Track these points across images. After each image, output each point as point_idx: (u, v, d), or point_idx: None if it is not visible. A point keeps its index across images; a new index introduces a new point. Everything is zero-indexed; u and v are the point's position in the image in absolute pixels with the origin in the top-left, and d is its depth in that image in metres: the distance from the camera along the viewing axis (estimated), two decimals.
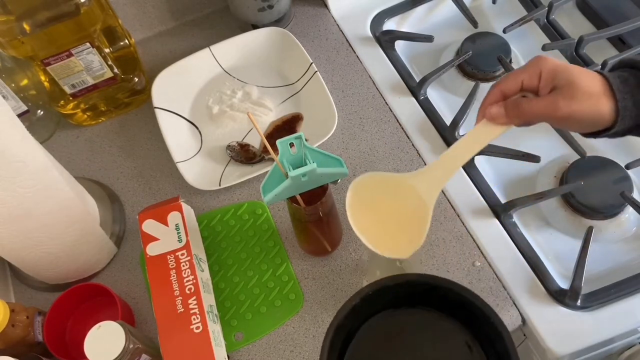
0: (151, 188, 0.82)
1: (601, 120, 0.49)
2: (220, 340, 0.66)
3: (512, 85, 0.51)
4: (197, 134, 0.84)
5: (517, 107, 0.50)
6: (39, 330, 0.67)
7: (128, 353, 0.58)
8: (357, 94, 0.86)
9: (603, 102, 0.48)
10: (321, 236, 0.69)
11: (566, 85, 0.48)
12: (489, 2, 0.94)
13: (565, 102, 0.48)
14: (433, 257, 0.72)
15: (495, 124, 0.52)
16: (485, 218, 0.73)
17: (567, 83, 0.48)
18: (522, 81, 0.51)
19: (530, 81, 0.51)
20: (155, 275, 0.65)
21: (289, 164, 0.58)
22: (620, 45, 0.86)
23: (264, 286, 0.72)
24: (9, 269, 0.78)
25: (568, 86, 0.48)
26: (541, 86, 0.50)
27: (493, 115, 0.51)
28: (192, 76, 0.88)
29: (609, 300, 0.67)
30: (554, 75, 0.49)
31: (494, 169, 0.79)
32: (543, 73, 0.50)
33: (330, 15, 0.94)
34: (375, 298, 0.57)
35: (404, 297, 0.58)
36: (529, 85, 0.51)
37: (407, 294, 0.58)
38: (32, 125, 0.84)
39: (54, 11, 0.71)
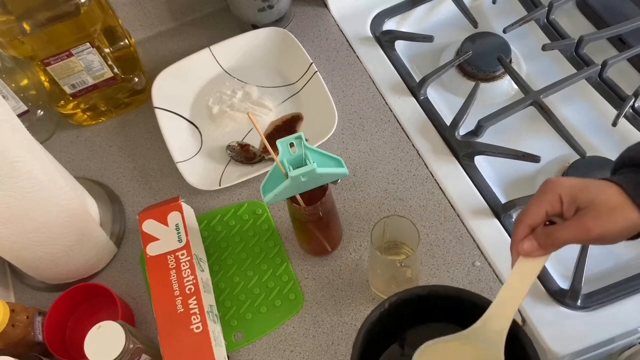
0: (151, 188, 0.82)
1: (633, 229, 0.49)
2: (220, 340, 0.66)
3: (536, 217, 0.51)
4: (197, 134, 0.84)
5: (549, 237, 0.50)
6: (39, 330, 0.67)
7: (128, 353, 0.58)
8: (357, 94, 0.86)
9: (630, 213, 0.48)
10: (321, 236, 0.69)
11: (589, 206, 0.49)
12: (489, 2, 0.94)
13: (595, 222, 0.48)
14: (433, 257, 0.72)
15: (532, 259, 0.52)
16: (485, 218, 0.73)
17: (590, 203, 0.49)
18: (546, 211, 0.51)
19: (553, 209, 0.51)
20: (155, 275, 0.65)
21: (289, 164, 0.58)
22: (620, 45, 0.86)
23: (264, 286, 0.72)
24: (9, 269, 0.78)
25: (591, 206, 0.49)
26: (565, 210, 0.50)
27: (527, 251, 0.51)
28: (192, 76, 0.88)
29: (609, 300, 0.67)
30: (575, 197, 0.49)
31: (494, 169, 0.79)
32: (563, 197, 0.50)
33: (330, 15, 0.94)
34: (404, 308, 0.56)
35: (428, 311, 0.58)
36: (553, 213, 0.51)
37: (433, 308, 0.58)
38: (32, 125, 0.84)
39: (54, 11, 0.71)
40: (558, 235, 0.50)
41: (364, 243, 0.74)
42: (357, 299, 0.70)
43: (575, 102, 0.83)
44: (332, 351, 0.67)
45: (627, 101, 0.78)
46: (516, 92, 0.84)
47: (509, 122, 0.79)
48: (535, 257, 0.52)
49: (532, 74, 0.87)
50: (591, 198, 0.49)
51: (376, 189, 0.77)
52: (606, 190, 0.49)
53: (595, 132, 0.80)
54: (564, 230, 0.50)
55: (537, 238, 0.51)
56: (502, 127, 0.79)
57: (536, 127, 0.81)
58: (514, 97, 0.83)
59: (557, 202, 0.50)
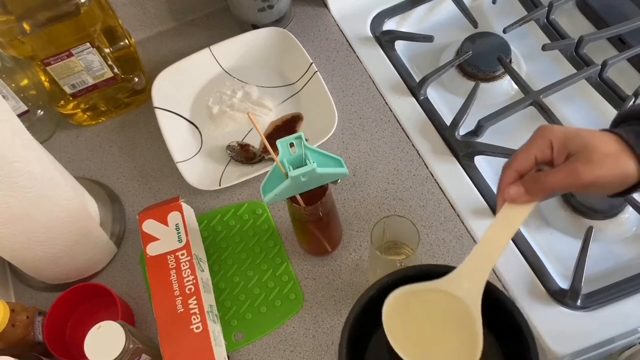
0: (151, 188, 0.82)
1: (627, 180, 0.47)
2: (220, 340, 0.66)
3: (525, 162, 0.49)
4: (197, 134, 0.84)
5: (537, 182, 0.48)
6: (39, 330, 0.67)
7: (128, 353, 0.58)
8: (357, 94, 0.86)
9: (625, 161, 0.46)
10: (321, 236, 0.69)
11: (581, 151, 0.46)
12: (489, 2, 0.94)
13: (586, 167, 0.46)
14: (433, 257, 0.72)
15: (518, 206, 0.49)
16: (485, 218, 0.73)
17: (581, 148, 0.46)
18: (535, 156, 0.48)
19: (542, 154, 0.48)
20: (155, 275, 0.65)
21: (289, 164, 0.58)
22: (620, 45, 0.86)
23: (264, 286, 0.72)
24: (9, 269, 0.78)
25: (583, 151, 0.46)
26: (555, 156, 0.48)
27: (513, 197, 0.49)
28: (192, 76, 0.88)
29: (609, 300, 0.67)
30: (566, 143, 0.47)
31: (494, 169, 0.79)
32: (554, 143, 0.47)
33: (330, 15, 0.94)
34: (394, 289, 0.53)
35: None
36: (542, 159, 0.49)
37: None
38: (32, 125, 0.84)
39: (54, 11, 0.71)
40: (547, 180, 0.47)
41: (364, 243, 0.74)
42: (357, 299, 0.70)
43: (575, 102, 0.83)
44: (332, 351, 0.67)
45: (627, 101, 0.78)
46: (516, 92, 0.84)
47: (509, 122, 0.79)
48: (520, 205, 0.49)
49: (532, 74, 0.87)
50: (583, 143, 0.46)
51: (376, 189, 0.77)
52: (601, 137, 0.47)
53: None
54: (554, 175, 0.47)
55: (524, 184, 0.48)
56: (502, 127, 0.79)
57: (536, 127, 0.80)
58: (514, 97, 0.83)
59: (548, 147, 0.48)
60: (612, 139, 0.47)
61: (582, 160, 0.46)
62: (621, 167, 0.46)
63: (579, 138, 0.47)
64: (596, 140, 0.46)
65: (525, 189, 0.48)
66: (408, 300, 0.51)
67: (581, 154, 0.46)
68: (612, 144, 0.46)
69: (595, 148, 0.46)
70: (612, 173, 0.46)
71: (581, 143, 0.46)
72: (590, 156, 0.46)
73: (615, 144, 0.46)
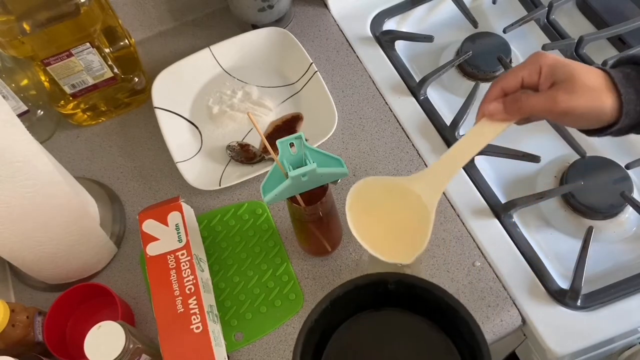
0: (151, 188, 0.82)
1: (603, 116, 0.48)
2: (220, 340, 0.66)
3: (512, 82, 0.51)
4: (197, 134, 0.84)
5: (516, 103, 0.50)
6: (39, 330, 0.67)
7: (128, 353, 0.58)
8: (357, 94, 0.86)
9: (605, 96, 0.47)
10: (321, 236, 0.69)
11: (566, 80, 0.48)
12: (489, 2, 0.94)
13: (565, 96, 0.47)
14: (433, 257, 0.72)
15: (494, 121, 0.51)
16: (485, 218, 0.73)
17: (567, 77, 0.48)
18: (522, 78, 0.50)
19: (530, 77, 0.50)
20: (155, 275, 0.65)
21: (289, 164, 0.58)
22: (620, 45, 0.86)
23: (264, 286, 0.72)
24: (9, 269, 0.78)
25: (568, 80, 0.48)
26: (541, 82, 0.50)
27: (491, 112, 0.51)
28: (192, 76, 0.88)
29: (609, 300, 0.67)
30: (554, 70, 0.48)
31: (494, 169, 0.79)
32: (543, 68, 0.49)
33: (330, 15, 0.94)
34: (350, 299, 0.56)
35: (383, 297, 0.58)
36: (529, 82, 0.50)
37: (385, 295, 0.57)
38: (32, 125, 0.84)
39: (54, 11, 0.71)
40: (525, 102, 0.49)
41: None
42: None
43: None
44: None
45: None
46: None
47: None
48: (496, 122, 0.51)
49: None
50: (570, 73, 0.48)
51: None
52: (589, 71, 0.48)
53: None
54: (533, 98, 0.49)
55: (504, 102, 0.50)
56: None
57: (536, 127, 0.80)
58: None
59: (536, 72, 0.49)
60: (600, 74, 0.48)
61: (564, 89, 0.48)
62: (599, 101, 0.47)
63: (566, 68, 0.48)
64: (582, 73, 0.48)
65: (504, 107, 0.51)
66: (372, 190, 0.55)
67: (565, 82, 0.48)
68: (598, 79, 0.48)
69: (579, 79, 0.47)
70: (589, 105, 0.47)
71: (567, 72, 0.48)
72: (572, 86, 0.47)
73: (601, 79, 0.48)
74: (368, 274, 0.57)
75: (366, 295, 0.57)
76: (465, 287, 0.69)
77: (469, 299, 0.68)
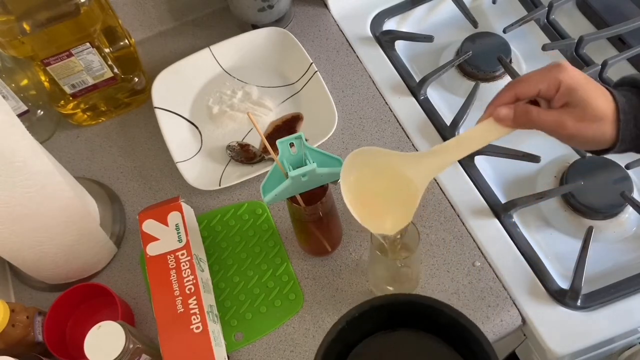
0: (151, 188, 0.82)
1: (603, 142, 0.50)
2: (220, 340, 0.66)
3: (528, 91, 0.51)
4: (197, 134, 0.84)
5: (526, 115, 0.50)
6: (39, 330, 0.67)
7: (128, 353, 0.58)
8: (357, 94, 0.86)
9: (608, 126, 0.49)
10: (321, 236, 0.69)
11: (579, 106, 0.48)
12: (489, 2, 0.94)
13: (574, 122, 0.49)
14: (433, 257, 0.72)
15: (499, 125, 0.52)
16: (485, 218, 0.73)
17: (580, 103, 0.48)
18: (540, 90, 0.50)
19: (547, 91, 0.50)
20: (155, 275, 0.65)
21: (289, 164, 0.58)
22: (620, 45, 0.86)
23: (264, 286, 0.72)
24: (9, 269, 0.78)
25: (581, 107, 0.48)
26: (556, 98, 0.50)
27: (501, 117, 0.51)
28: (192, 76, 0.88)
29: (609, 300, 0.67)
30: (571, 92, 0.49)
31: (494, 169, 0.79)
32: (562, 86, 0.49)
33: (330, 15, 0.94)
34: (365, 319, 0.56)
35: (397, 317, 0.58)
36: (545, 95, 0.50)
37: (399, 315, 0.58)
38: (32, 125, 0.84)
39: (54, 11, 0.71)
40: (535, 117, 0.50)
41: (364, 243, 0.74)
42: (357, 299, 0.70)
43: None
44: None
45: None
46: None
47: None
48: (502, 126, 0.52)
49: None
50: (585, 100, 0.48)
51: None
52: (602, 99, 0.49)
53: None
54: (543, 115, 0.50)
55: (515, 110, 0.51)
56: None
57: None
58: None
59: (555, 87, 0.50)
60: (610, 104, 0.49)
61: (574, 115, 0.49)
62: (603, 132, 0.49)
63: (582, 92, 0.49)
64: (595, 101, 0.49)
65: (514, 116, 0.51)
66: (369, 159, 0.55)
67: (577, 108, 0.49)
68: (608, 109, 0.49)
69: (590, 108, 0.48)
70: (593, 134, 0.49)
71: (582, 99, 0.49)
72: (583, 114, 0.49)
73: (610, 110, 0.49)
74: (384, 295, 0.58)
75: (380, 315, 0.58)
76: (465, 287, 0.69)
77: (469, 299, 0.68)
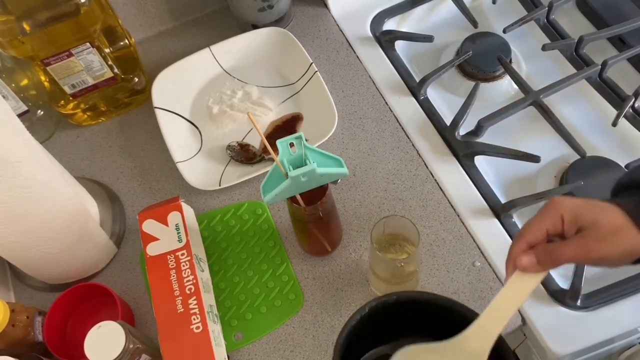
0: (151, 188, 0.82)
1: (636, 252, 0.49)
2: (220, 340, 0.66)
3: (537, 235, 0.50)
4: (197, 134, 0.84)
5: (550, 255, 0.49)
6: (39, 330, 0.67)
7: (128, 353, 0.58)
8: (357, 94, 0.86)
9: (631, 236, 0.48)
10: (321, 236, 0.69)
11: (592, 227, 0.48)
12: (489, 2, 0.94)
13: (596, 244, 0.48)
14: (433, 257, 0.72)
15: (528, 275, 0.50)
16: (485, 218, 0.73)
17: (591, 224, 0.48)
18: (547, 229, 0.50)
19: (554, 228, 0.50)
20: (155, 275, 0.65)
21: (289, 164, 0.58)
22: (620, 45, 0.86)
23: (264, 286, 0.72)
24: (9, 269, 0.78)
25: (593, 227, 0.48)
26: (566, 230, 0.50)
27: (526, 266, 0.50)
28: (192, 76, 0.88)
29: (609, 300, 0.67)
30: (577, 217, 0.49)
31: (494, 169, 0.79)
32: (565, 217, 0.49)
33: (330, 15, 0.94)
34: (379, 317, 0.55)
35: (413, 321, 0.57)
36: (554, 232, 0.50)
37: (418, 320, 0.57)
38: (32, 125, 0.84)
39: (54, 11, 0.71)
40: (559, 253, 0.49)
41: (364, 243, 0.74)
42: (357, 299, 0.70)
43: (575, 102, 0.83)
44: (332, 351, 0.67)
45: (627, 101, 0.78)
46: (516, 92, 0.84)
47: (509, 122, 0.79)
48: (531, 274, 0.50)
49: (532, 74, 0.87)
50: (594, 219, 0.48)
51: (376, 189, 0.77)
52: (608, 212, 0.49)
53: (595, 132, 0.80)
54: (566, 247, 0.49)
55: (536, 254, 0.50)
56: (502, 127, 0.79)
57: (536, 127, 0.81)
58: (514, 97, 0.83)
59: (559, 221, 0.49)
60: (618, 214, 0.48)
61: (592, 236, 0.48)
62: (628, 243, 0.48)
63: (589, 214, 0.49)
64: (603, 216, 0.48)
65: (537, 260, 0.50)
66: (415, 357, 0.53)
67: (591, 229, 0.48)
68: (619, 219, 0.48)
69: (603, 224, 0.48)
70: (620, 249, 0.48)
71: (591, 219, 0.48)
72: (599, 232, 0.48)
73: (620, 218, 0.48)
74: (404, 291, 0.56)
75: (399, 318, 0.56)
76: (465, 287, 0.69)
77: (469, 298, 0.68)
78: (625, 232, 0.48)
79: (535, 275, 0.50)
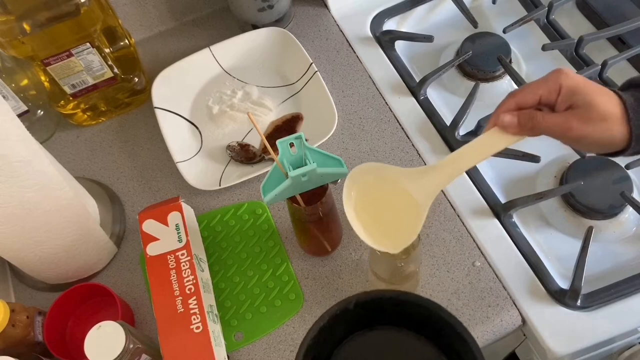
0: (151, 188, 0.82)
1: (613, 145, 0.49)
2: (220, 340, 0.66)
3: (529, 98, 0.50)
4: (197, 134, 0.84)
5: (531, 120, 0.49)
6: (39, 330, 0.67)
7: (128, 353, 0.58)
8: (357, 94, 0.86)
9: (617, 127, 0.48)
10: (321, 236, 0.69)
11: (583, 107, 0.48)
12: (489, 2, 0.94)
13: (579, 124, 0.48)
14: (433, 257, 0.72)
15: (505, 133, 0.51)
16: (485, 218, 0.73)
17: (584, 104, 0.48)
18: (541, 96, 0.50)
19: (548, 96, 0.50)
20: (155, 275, 0.65)
21: (289, 164, 0.58)
22: (620, 45, 0.86)
23: (264, 286, 0.72)
24: (9, 269, 0.78)
25: (585, 108, 0.48)
26: (558, 102, 0.49)
27: (505, 124, 0.50)
28: (192, 76, 0.88)
29: (609, 300, 0.67)
30: (573, 95, 0.48)
31: (494, 169, 0.79)
32: (562, 89, 0.49)
33: (330, 15, 0.94)
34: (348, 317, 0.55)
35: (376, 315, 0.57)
36: (547, 101, 0.50)
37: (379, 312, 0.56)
38: (32, 125, 0.84)
39: (54, 11, 0.71)
40: (540, 121, 0.49)
41: (364, 243, 0.73)
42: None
43: None
44: None
45: None
46: None
47: None
48: (507, 134, 0.51)
49: (532, 74, 0.87)
50: (590, 100, 0.48)
51: None
52: (606, 98, 0.48)
53: None
54: (548, 118, 0.49)
55: (520, 116, 0.50)
56: None
57: None
58: None
59: (555, 91, 0.49)
60: (616, 103, 0.48)
61: (579, 116, 0.48)
62: (612, 131, 0.48)
63: (585, 94, 0.48)
64: (600, 101, 0.48)
65: (519, 122, 0.50)
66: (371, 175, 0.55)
67: (581, 109, 0.48)
68: (614, 108, 0.48)
69: (596, 108, 0.48)
70: (601, 135, 0.48)
71: (585, 100, 0.48)
72: (588, 114, 0.48)
73: (617, 109, 0.48)
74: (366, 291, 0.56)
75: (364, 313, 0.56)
76: (465, 287, 0.69)
77: (469, 298, 0.68)
78: (613, 122, 0.48)
79: (511, 136, 0.51)
